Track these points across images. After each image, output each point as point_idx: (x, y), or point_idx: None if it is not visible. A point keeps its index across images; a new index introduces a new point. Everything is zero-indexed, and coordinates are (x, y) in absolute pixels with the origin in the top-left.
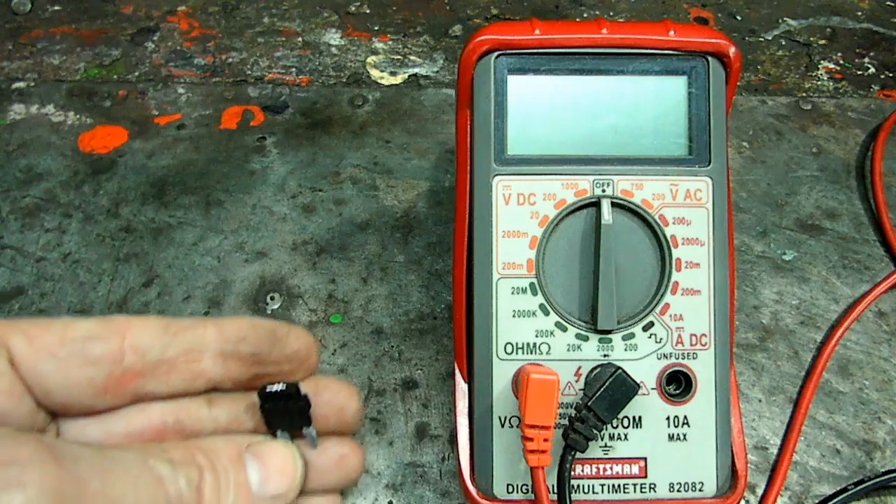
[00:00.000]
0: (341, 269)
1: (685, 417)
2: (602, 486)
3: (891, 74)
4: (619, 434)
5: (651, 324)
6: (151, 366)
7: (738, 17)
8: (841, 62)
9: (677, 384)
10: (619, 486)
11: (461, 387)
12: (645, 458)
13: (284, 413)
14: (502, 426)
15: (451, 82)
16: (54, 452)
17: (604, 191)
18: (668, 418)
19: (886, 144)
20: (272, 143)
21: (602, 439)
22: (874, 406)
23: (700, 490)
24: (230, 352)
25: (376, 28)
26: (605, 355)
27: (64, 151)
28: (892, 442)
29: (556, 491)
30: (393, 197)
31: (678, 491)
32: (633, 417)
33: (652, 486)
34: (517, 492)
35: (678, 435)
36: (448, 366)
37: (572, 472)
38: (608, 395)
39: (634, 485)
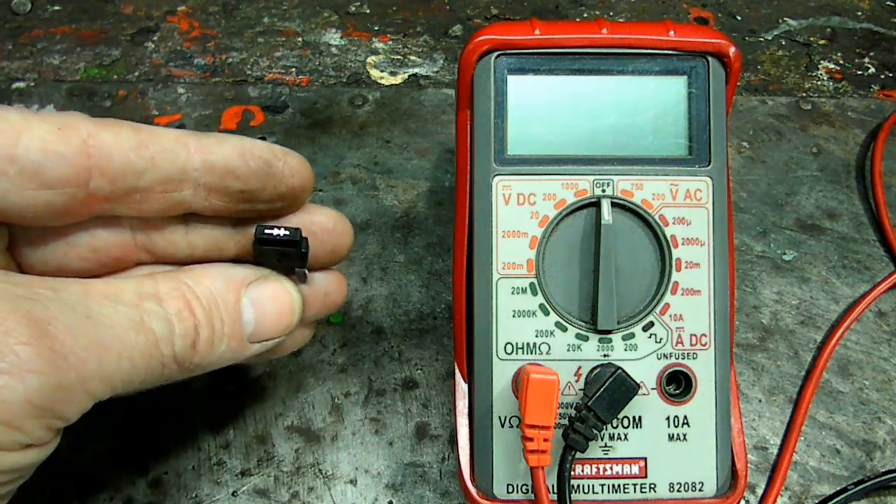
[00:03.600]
0: (341, 269)
1: (685, 417)
2: (602, 486)
3: (891, 74)
4: (619, 434)
5: (651, 324)
6: (122, 192)
7: (738, 17)
8: (841, 62)
9: (677, 384)
10: (619, 486)
11: (461, 387)
12: (645, 458)
13: (279, 256)
14: (502, 426)
15: (451, 82)
16: (48, 334)
17: (604, 191)
18: (668, 418)
19: (886, 144)
20: (272, 143)
21: (602, 439)
22: (874, 406)
23: (700, 490)
24: (217, 186)
25: (376, 28)
26: (605, 355)
27: None
28: (892, 442)
29: (556, 491)
30: (393, 197)
31: (678, 491)
32: (633, 417)
33: (652, 486)
34: (517, 492)
35: (678, 435)
36: (448, 366)
37: (572, 472)
38: (608, 395)
39: (634, 485)
